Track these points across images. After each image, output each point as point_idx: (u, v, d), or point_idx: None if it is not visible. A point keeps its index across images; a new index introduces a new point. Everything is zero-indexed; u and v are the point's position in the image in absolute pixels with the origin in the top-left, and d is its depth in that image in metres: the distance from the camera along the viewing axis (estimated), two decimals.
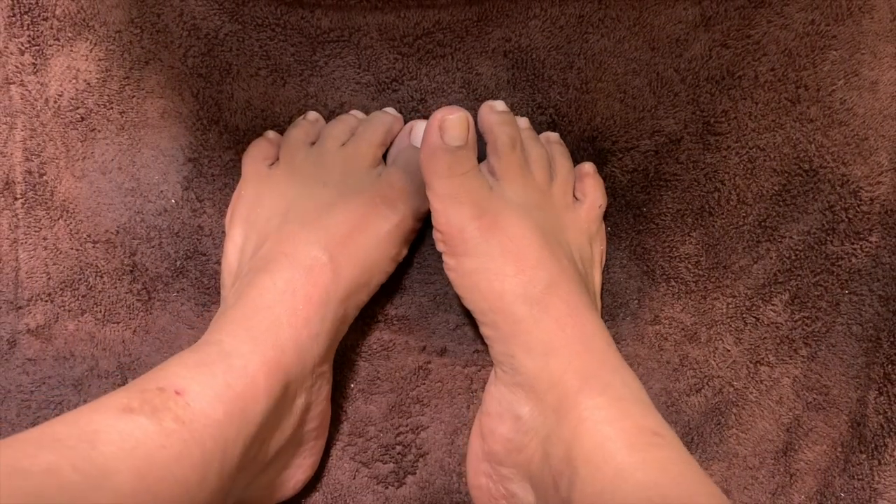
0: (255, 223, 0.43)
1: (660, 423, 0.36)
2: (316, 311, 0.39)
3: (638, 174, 0.47)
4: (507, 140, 0.41)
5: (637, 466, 0.33)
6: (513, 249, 0.39)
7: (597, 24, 0.45)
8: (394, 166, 0.44)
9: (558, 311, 0.38)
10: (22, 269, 0.46)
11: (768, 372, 0.46)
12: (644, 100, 0.46)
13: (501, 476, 0.41)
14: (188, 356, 0.36)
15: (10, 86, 0.46)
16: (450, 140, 0.37)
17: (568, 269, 0.40)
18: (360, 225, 0.42)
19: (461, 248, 0.39)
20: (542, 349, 0.38)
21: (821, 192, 0.46)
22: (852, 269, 0.46)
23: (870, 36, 0.45)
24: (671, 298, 0.47)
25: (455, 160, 0.38)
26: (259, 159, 0.45)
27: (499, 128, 0.42)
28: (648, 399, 0.38)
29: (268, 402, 0.36)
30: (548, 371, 0.38)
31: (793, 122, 0.46)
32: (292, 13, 0.45)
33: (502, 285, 0.39)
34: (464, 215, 0.39)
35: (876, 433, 0.45)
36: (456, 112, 0.38)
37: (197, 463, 0.32)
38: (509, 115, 0.43)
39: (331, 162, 0.44)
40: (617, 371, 0.38)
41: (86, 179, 0.46)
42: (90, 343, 0.46)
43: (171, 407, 0.33)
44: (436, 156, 0.38)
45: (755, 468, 0.46)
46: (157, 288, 0.47)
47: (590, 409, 0.36)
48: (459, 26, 0.46)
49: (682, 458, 0.34)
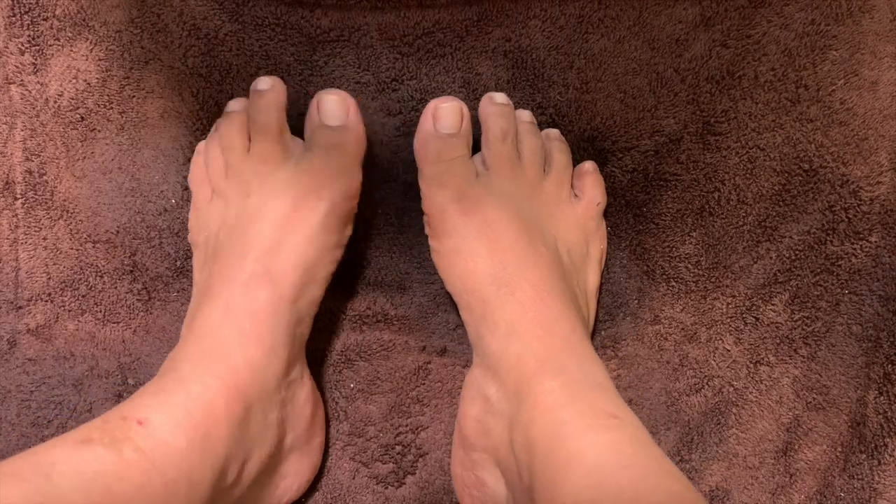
0: (198, 244, 0.43)
1: (618, 406, 0.35)
2: (264, 326, 0.38)
3: (638, 174, 0.47)
4: (499, 132, 0.42)
5: (589, 448, 0.32)
6: (489, 233, 0.40)
7: (597, 24, 0.45)
8: (309, 153, 0.41)
9: (524, 294, 0.39)
10: (22, 269, 0.46)
11: (768, 372, 0.46)
12: (644, 100, 0.46)
13: (473, 462, 0.41)
14: (150, 385, 0.36)
15: (10, 86, 0.46)
16: (441, 128, 0.40)
17: (545, 256, 0.40)
18: (288, 225, 0.40)
19: (441, 229, 0.41)
20: (506, 331, 0.38)
21: (821, 192, 0.46)
22: (852, 269, 0.46)
23: (870, 36, 0.45)
24: (671, 298, 0.47)
25: (445, 147, 0.40)
26: (201, 184, 0.44)
27: (493, 119, 0.42)
28: (610, 384, 0.37)
29: (230, 427, 0.36)
30: (508, 353, 0.38)
31: (793, 122, 0.46)
32: (292, 13, 0.45)
33: (475, 265, 0.40)
34: (445, 197, 0.40)
35: (876, 433, 0.45)
36: (449, 101, 0.40)
37: (159, 492, 0.32)
38: (507, 107, 0.43)
39: (244, 173, 0.42)
40: (577, 356, 0.38)
41: (86, 179, 0.46)
42: (90, 343, 0.46)
43: (132, 437, 0.32)
44: (427, 142, 0.40)
45: (755, 468, 0.46)
46: (157, 288, 0.47)
47: (544, 392, 0.35)
48: (459, 26, 0.46)
49: (638, 438, 0.34)
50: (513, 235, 0.40)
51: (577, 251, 0.44)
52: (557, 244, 0.42)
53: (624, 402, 0.36)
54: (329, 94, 0.41)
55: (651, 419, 0.47)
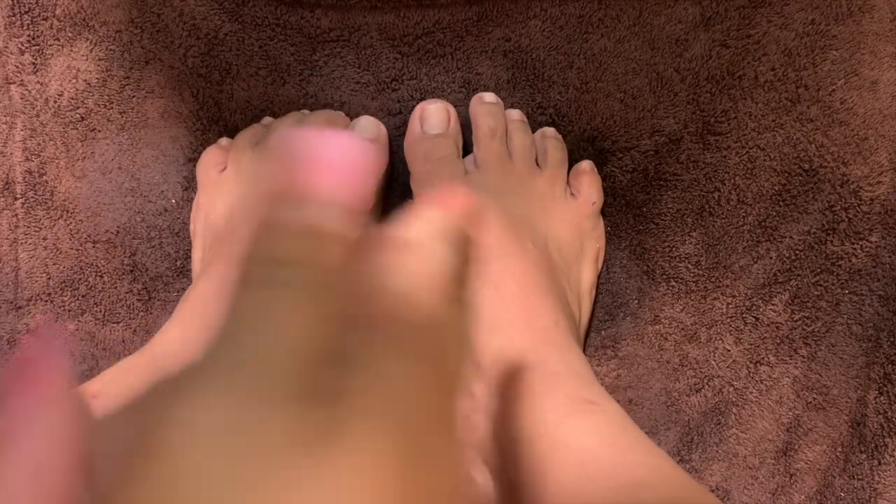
0: (210, 230, 0.43)
1: (597, 394, 0.35)
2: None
3: (638, 174, 0.47)
4: (487, 129, 0.43)
5: (569, 433, 0.32)
6: None
7: (597, 23, 0.45)
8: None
9: (507, 289, 0.39)
10: (22, 269, 0.46)
11: (768, 372, 0.46)
12: (644, 99, 0.46)
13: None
14: (126, 361, 0.36)
15: (9, 85, 0.46)
16: (428, 129, 0.41)
17: (531, 252, 0.40)
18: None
19: None
20: (489, 326, 0.38)
21: (821, 192, 0.46)
22: (852, 269, 0.46)
23: (870, 36, 0.45)
24: (671, 298, 0.47)
25: (432, 146, 0.41)
26: (210, 166, 0.44)
27: (481, 118, 0.43)
28: (590, 374, 0.37)
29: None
30: (490, 348, 0.38)
31: (793, 122, 0.46)
32: (292, 13, 0.45)
33: None
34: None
35: (876, 433, 0.45)
36: (435, 103, 0.42)
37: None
38: (495, 105, 0.44)
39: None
40: (557, 349, 0.38)
41: (86, 179, 0.46)
42: (90, 343, 0.46)
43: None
44: (415, 143, 0.41)
45: (755, 468, 0.46)
46: (157, 288, 0.47)
47: (524, 385, 0.36)
48: (459, 26, 0.46)
49: (617, 421, 0.34)
50: (497, 231, 0.40)
51: (569, 249, 0.44)
52: (548, 241, 0.42)
53: (603, 389, 0.36)
54: (365, 118, 0.45)
55: (651, 419, 0.47)
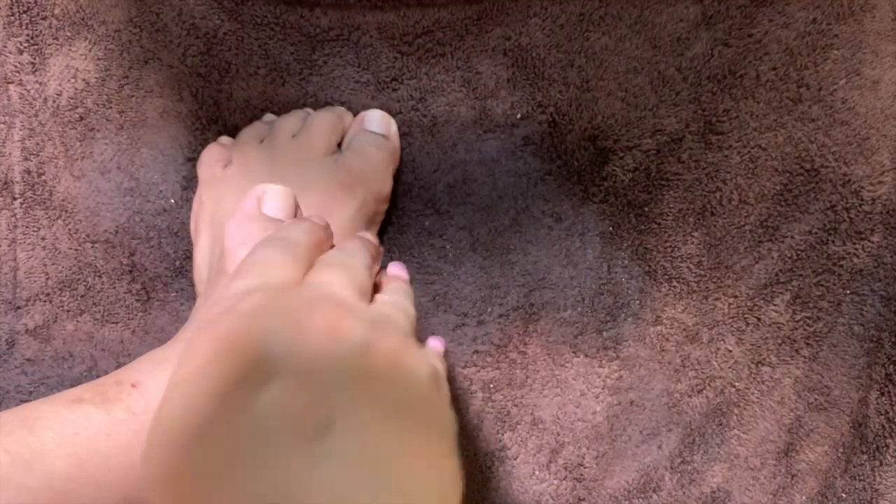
0: (219, 226, 0.43)
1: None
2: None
3: (639, 173, 0.47)
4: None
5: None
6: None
7: (598, 22, 0.45)
8: (348, 151, 0.43)
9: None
10: (20, 269, 0.46)
11: (770, 372, 0.46)
12: (645, 98, 0.46)
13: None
14: (154, 353, 0.36)
15: (8, 85, 0.46)
16: (268, 210, 0.35)
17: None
18: (320, 213, 0.40)
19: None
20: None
21: (822, 192, 0.46)
22: (854, 269, 0.46)
23: (871, 35, 0.45)
24: (673, 299, 0.47)
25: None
26: (213, 163, 0.44)
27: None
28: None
29: None
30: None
31: (794, 122, 0.46)
32: (291, 12, 0.45)
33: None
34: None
35: (877, 434, 0.44)
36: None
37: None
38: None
39: (283, 154, 0.43)
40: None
41: (85, 179, 0.46)
42: (89, 343, 0.46)
43: (124, 398, 0.32)
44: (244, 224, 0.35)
45: (757, 469, 0.46)
46: (156, 288, 0.46)
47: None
48: (459, 25, 0.45)
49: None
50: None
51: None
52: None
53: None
54: (375, 111, 0.46)
55: (653, 420, 0.47)
